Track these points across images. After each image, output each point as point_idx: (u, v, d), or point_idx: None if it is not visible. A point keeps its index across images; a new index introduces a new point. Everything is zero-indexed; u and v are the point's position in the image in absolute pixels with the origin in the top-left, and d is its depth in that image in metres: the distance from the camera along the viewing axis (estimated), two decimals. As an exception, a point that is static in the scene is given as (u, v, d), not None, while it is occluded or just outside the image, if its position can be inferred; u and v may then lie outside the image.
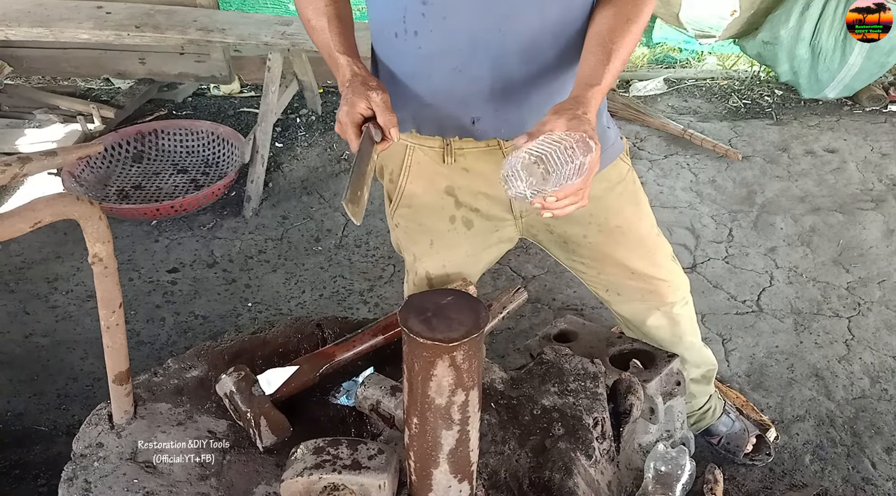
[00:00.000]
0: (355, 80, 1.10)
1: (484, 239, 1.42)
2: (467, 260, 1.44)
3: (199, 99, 3.84)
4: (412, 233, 1.42)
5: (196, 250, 2.72)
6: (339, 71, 1.14)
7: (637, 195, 1.44)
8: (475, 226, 1.39)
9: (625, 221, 1.41)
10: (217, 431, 1.11)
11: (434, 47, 1.16)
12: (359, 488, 1.01)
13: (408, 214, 1.40)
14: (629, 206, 1.42)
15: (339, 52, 1.14)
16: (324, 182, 3.15)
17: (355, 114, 1.08)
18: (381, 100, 1.08)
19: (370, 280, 2.58)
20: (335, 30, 1.16)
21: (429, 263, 1.44)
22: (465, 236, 1.40)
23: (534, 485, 1.15)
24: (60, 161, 0.81)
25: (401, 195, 1.38)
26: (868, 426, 2.00)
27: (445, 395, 0.95)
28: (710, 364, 1.76)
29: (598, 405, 1.33)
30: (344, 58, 1.14)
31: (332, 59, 1.16)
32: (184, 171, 3.16)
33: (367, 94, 1.07)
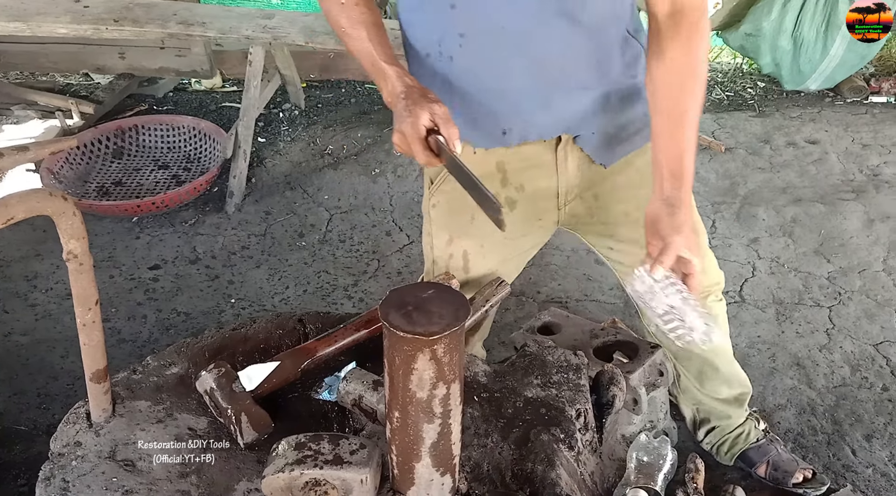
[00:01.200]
0: (412, 92, 1.09)
1: (524, 223, 1.41)
2: (507, 243, 1.43)
3: (180, 94, 3.81)
4: (453, 210, 1.41)
5: (178, 246, 2.70)
6: (388, 81, 1.12)
7: None
8: (518, 207, 1.38)
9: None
10: (198, 428, 1.10)
11: (467, 71, 1.19)
12: (341, 483, 1.00)
13: (450, 190, 1.37)
14: None
15: (386, 63, 1.13)
16: (307, 177, 3.14)
17: (420, 127, 1.06)
18: (443, 112, 1.07)
19: (354, 275, 2.57)
20: (375, 39, 1.15)
21: (467, 242, 1.42)
22: (506, 217, 1.40)
23: (516, 477, 1.15)
24: (33, 156, 0.79)
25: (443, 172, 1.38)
26: (848, 414, 2.03)
27: (427, 389, 0.95)
28: (744, 386, 1.73)
29: (580, 396, 1.34)
30: (392, 69, 1.12)
31: (377, 68, 1.14)
32: (165, 166, 3.13)
33: (429, 106, 1.06)
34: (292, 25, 2.89)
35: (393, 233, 2.81)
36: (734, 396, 1.72)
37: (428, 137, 1.06)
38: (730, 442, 1.78)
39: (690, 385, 1.73)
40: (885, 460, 1.89)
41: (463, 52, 1.17)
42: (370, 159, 3.26)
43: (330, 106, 3.73)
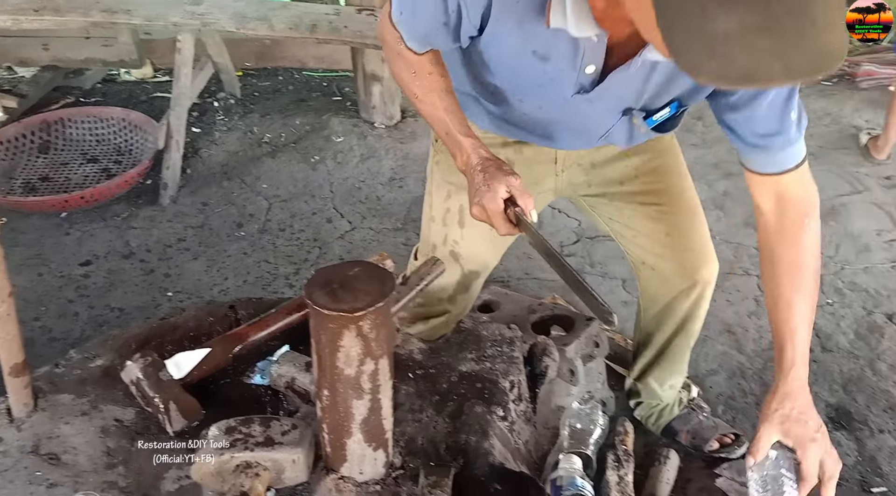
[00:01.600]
0: (489, 165, 1.13)
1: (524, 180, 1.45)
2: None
3: (108, 85, 3.69)
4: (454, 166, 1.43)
5: (110, 241, 2.62)
6: (463, 152, 1.17)
7: (675, 150, 1.49)
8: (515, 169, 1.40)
9: (662, 165, 1.44)
10: (125, 419, 1.09)
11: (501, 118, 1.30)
12: (272, 464, 1.01)
13: None
14: (668, 155, 1.46)
15: (462, 135, 1.17)
16: (244, 166, 3.09)
17: (500, 201, 1.11)
18: (518, 184, 1.12)
19: (296, 263, 2.56)
20: (449, 108, 1.19)
21: (463, 197, 1.42)
22: None
23: (450, 449, 1.18)
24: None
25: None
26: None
27: (354, 365, 0.96)
28: (682, 375, 1.80)
29: (514, 368, 1.37)
30: (468, 141, 1.17)
31: (451, 138, 1.19)
32: (94, 160, 3.02)
33: (506, 179, 1.11)
34: (222, 12, 2.83)
35: (334, 219, 2.80)
36: (670, 384, 1.79)
37: (506, 209, 1.12)
38: (656, 414, 1.85)
39: (639, 366, 1.79)
40: (809, 416, 2.00)
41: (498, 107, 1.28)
42: (309, 147, 3.23)
43: (267, 94, 3.67)
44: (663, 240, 1.49)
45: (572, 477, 1.23)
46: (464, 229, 1.47)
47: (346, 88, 3.69)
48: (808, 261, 1.19)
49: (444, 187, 1.47)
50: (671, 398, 1.83)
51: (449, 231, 1.49)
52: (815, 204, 1.19)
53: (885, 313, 2.36)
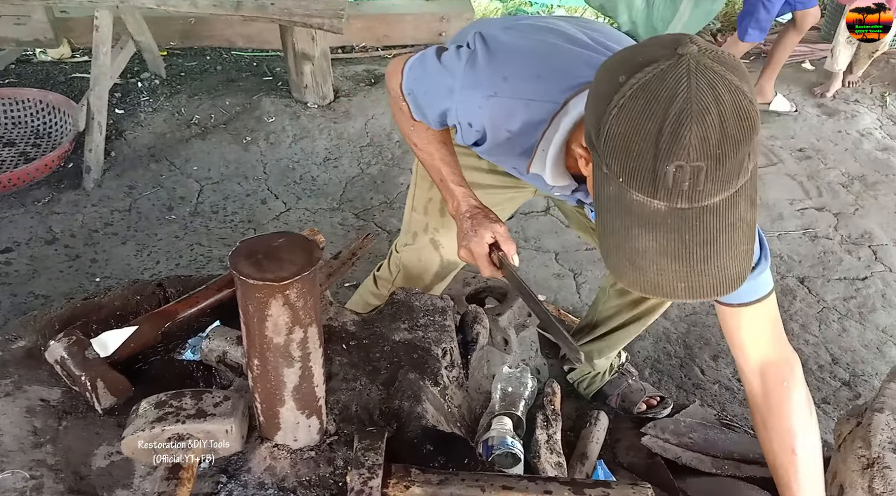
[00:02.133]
0: (476, 213, 1.23)
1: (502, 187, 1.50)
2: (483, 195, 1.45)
3: (23, 66, 3.52)
4: None
5: (31, 227, 2.53)
6: (454, 199, 1.27)
7: None
8: (498, 170, 1.45)
9: None
10: (51, 399, 1.07)
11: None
12: (205, 435, 1.01)
13: None
14: None
15: (455, 184, 1.27)
16: (173, 148, 3.02)
17: (485, 245, 1.21)
18: (503, 231, 1.21)
19: (230, 246, 2.52)
20: (445, 159, 1.28)
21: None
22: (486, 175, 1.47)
23: (384, 415, 1.20)
24: None
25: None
26: (697, 338, 2.23)
27: (283, 334, 0.97)
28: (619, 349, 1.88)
29: (446, 336, 1.40)
30: (460, 190, 1.27)
31: (444, 185, 1.29)
32: (11, 143, 2.89)
33: (491, 227, 1.21)
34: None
35: (269, 200, 2.77)
36: (607, 357, 1.87)
37: (490, 253, 1.21)
38: (588, 380, 1.94)
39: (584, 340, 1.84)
40: (729, 376, 2.11)
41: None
42: (240, 127, 3.17)
43: (194, 74, 3.58)
44: None
45: (503, 437, 1.28)
46: (444, 217, 1.52)
47: (277, 68, 3.63)
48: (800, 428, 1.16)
49: (427, 179, 1.50)
50: (604, 367, 1.91)
51: (430, 220, 1.54)
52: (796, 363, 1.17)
53: (796, 277, 2.51)
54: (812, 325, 2.32)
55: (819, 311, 2.39)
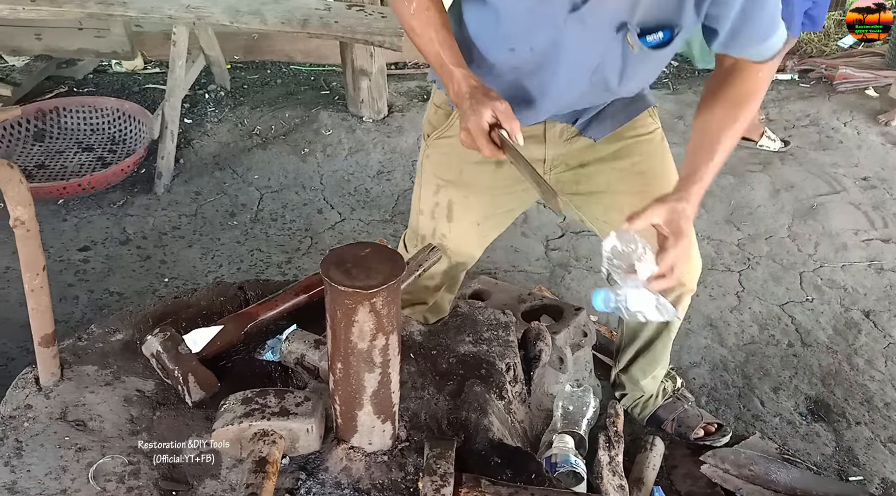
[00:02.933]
0: (476, 91, 1.17)
1: (509, 184, 1.48)
2: (490, 199, 1.51)
3: (100, 76, 3.70)
4: (446, 161, 1.49)
5: (107, 228, 2.66)
6: (454, 82, 1.20)
7: (665, 153, 1.51)
8: (504, 167, 1.45)
9: (650, 170, 1.48)
10: (145, 390, 1.14)
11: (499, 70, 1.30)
12: (287, 433, 1.07)
13: (446, 144, 1.47)
14: (656, 159, 1.49)
15: (453, 65, 1.21)
16: (236, 157, 3.13)
17: (483, 123, 1.14)
18: (504, 108, 1.15)
19: (287, 252, 2.60)
20: (444, 42, 1.22)
21: (452, 191, 1.50)
22: (492, 174, 1.46)
23: (452, 425, 1.24)
24: (-23, 125, 0.81)
25: (449, 126, 1.46)
26: (757, 368, 2.20)
27: (367, 340, 1.02)
28: (664, 366, 1.85)
29: (509, 351, 1.44)
30: (459, 70, 1.20)
31: (444, 69, 1.22)
32: (89, 148, 3.05)
33: (491, 104, 1.15)
34: (216, 5, 2.86)
35: (325, 210, 2.85)
36: (652, 375, 1.84)
37: (491, 132, 1.15)
38: (640, 405, 1.91)
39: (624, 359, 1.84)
40: (791, 409, 2.07)
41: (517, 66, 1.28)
42: (299, 139, 3.28)
43: (256, 87, 3.71)
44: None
45: (566, 455, 1.30)
46: (451, 223, 1.54)
47: (334, 83, 3.74)
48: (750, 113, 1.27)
49: (433, 182, 1.52)
50: (654, 388, 1.90)
51: (437, 225, 1.55)
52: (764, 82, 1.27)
53: (861, 310, 2.47)
54: (878, 361, 2.27)
55: (886, 347, 2.33)
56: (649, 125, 1.51)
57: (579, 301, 2.40)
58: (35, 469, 0.97)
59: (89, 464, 1.00)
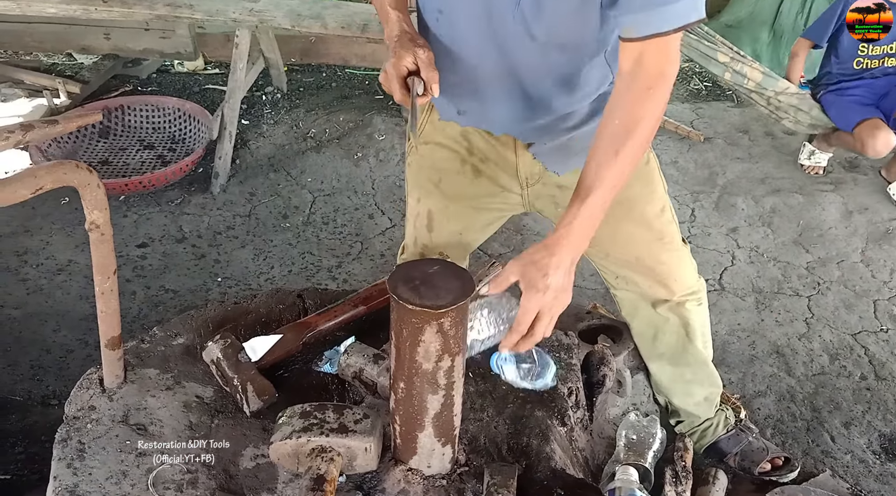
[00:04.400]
0: (404, 36, 1.16)
1: (489, 191, 1.44)
2: (469, 210, 1.46)
3: (163, 75, 3.77)
4: (423, 170, 1.45)
5: (165, 225, 2.69)
6: (389, 25, 1.19)
7: (650, 176, 1.42)
8: (483, 176, 1.41)
9: (629, 198, 1.39)
10: (205, 396, 1.12)
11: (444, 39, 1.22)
12: (345, 451, 1.04)
13: (424, 152, 1.43)
14: (639, 184, 1.40)
15: (392, 8, 1.20)
16: (290, 159, 3.14)
17: (401, 67, 1.12)
18: (425, 56, 1.12)
19: (338, 256, 2.60)
20: None
21: (432, 201, 1.46)
22: (471, 183, 1.42)
23: (512, 450, 1.19)
24: (61, 129, 0.81)
25: (421, 132, 1.43)
26: (827, 401, 2.08)
27: (432, 361, 0.98)
28: (714, 386, 1.74)
29: (572, 375, 1.38)
30: (395, 13, 1.19)
31: (384, 13, 1.21)
32: (150, 146, 3.10)
33: (413, 49, 1.12)
34: (278, 9, 2.89)
35: (375, 216, 2.84)
36: (703, 397, 1.74)
37: (407, 78, 1.13)
38: (698, 434, 1.80)
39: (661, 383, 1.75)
40: (864, 447, 1.95)
41: (440, 25, 1.21)
42: (352, 143, 3.27)
43: (311, 90, 3.73)
44: (631, 260, 1.47)
45: (631, 489, 1.24)
46: (432, 234, 1.49)
47: (388, 87, 3.73)
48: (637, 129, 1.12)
49: (415, 191, 1.48)
50: (709, 413, 1.81)
51: (418, 234, 1.51)
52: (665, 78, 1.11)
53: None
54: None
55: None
56: None
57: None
58: (96, 472, 0.97)
59: (149, 469, 0.99)
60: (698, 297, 1.56)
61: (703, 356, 1.67)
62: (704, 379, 1.71)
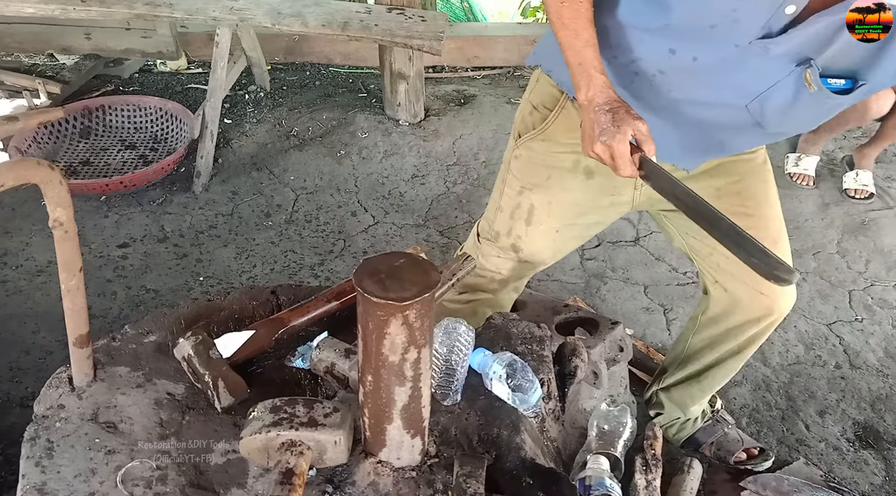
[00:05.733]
0: (618, 107, 1.13)
1: (597, 196, 1.44)
2: (574, 209, 1.46)
3: (145, 75, 3.76)
4: (534, 164, 1.44)
5: (146, 225, 2.69)
6: (591, 87, 1.15)
7: (766, 176, 1.42)
8: (595, 178, 1.41)
9: (747, 190, 1.40)
10: (176, 393, 1.13)
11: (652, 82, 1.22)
12: (315, 444, 1.05)
13: (538, 147, 1.42)
14: (755, 179, 1.41)
15: (596, 71, 1.16)
16: (273, 158, 3.15)
17: (626, 142, 1.11)
18: (646, 130, 1.11)
19: (321, 254, 2.61)
20: (590, 41, 1.17)
21: (536, 196, 1.45)
22: (581, 184, 1.42)
23: (483, 441, 1.21)
24: (22, 125, 0.82)
25: (544, 129, 1.40)
26: (802, 390, 2.12)
27: (399, 353, 0.99)
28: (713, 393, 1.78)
29: (544, 367, 1.40)
30: (601, 79, 1.15)
31: (583, 69, 1.17)
32: (132, 146, 3.10)
33: (634, 124, 1.11)
34: (258, 7, 2.89)
35: (358, 213, 2.85)
36: (701, 401, 1.78)
37: (632, 152, 1.11)
38: (677, 427, 1.84)
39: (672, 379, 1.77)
40: (838, 435, 1.99)
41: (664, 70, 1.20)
42: (335, 141, 3.28)
43: (295, 88, 3.73)
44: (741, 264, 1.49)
45: (601, 477, 1.26)
46: (529, 227, 1.50)
47: (371, 85, 3.74)
48: None
49: (517, 183, 1.48)
50: (697, 412, 1.83)
51: (514, 225, 1.51)
52: None
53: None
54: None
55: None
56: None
57: (615, 313, 2.35)
58: (65, 470, 0.97)
59: (118, 467, 0.99)
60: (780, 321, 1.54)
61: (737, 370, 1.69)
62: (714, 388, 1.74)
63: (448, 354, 1.22)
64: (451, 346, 1.22)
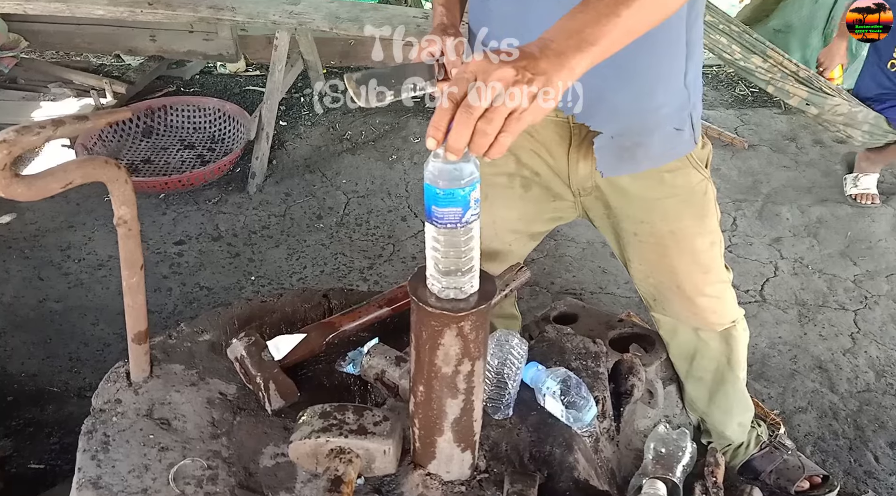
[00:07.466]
0: (438, 27, 1.22)
1: (539, 206, 1.41)
2: (518, 224, 1.44)
3: (206, 77, 3.86)
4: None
5: (202, 224, 2.74)
6: (434, 18, 1.25)
7: (704, 209, 1.37)
8: (533, 190, 1.38)
9: (680, 229, 1.36)
10: (228, 393, 1.13)
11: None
12: (364, 453, 1.03)
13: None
14: (690, 217, 1.36)
15: (438, 3, 1.26)
16: (326, 161, 3.17)
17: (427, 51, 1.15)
18: (453, 45, 1.15)
19: (370, 258, 2.60)
20: None
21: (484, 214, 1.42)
22: (520, 199, 1.40)
23: (534, 459, 1.17)
24: (91, 125, 0.82)
25: None
26: (872, 420, 2.00)
27: (452, 365, 0.97)
28: (749, 410, 1.70)
29: (599, 384, 1.35)
30: (440, 8, 1.25)
31: (433, 6, 1.27)
32: (191, 146, 3.17)
33: (442, 37, 1.16)
34: (317, 11, 2.92)
35: (408, 218, 2.84)
36: (738, 423, 1.70)
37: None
38: (730, 453, 1.75)
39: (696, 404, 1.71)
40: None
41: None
42: (387, 146, 3.29)
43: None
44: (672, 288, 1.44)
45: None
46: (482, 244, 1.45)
47: (425, 91, 3.74)
48: None
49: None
50: (743, 437, 1.75)
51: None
52: None
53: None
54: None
55: None
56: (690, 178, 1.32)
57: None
58: (119, 465, 0.98)
59: (170, 464, 0.99)
60: (736, 323, 1.51)
61: (741, 384, 1.63)
62: (740, 405, 1.67)
63: (500, 367, 1.19)
64: (503, 359, 1.19)
